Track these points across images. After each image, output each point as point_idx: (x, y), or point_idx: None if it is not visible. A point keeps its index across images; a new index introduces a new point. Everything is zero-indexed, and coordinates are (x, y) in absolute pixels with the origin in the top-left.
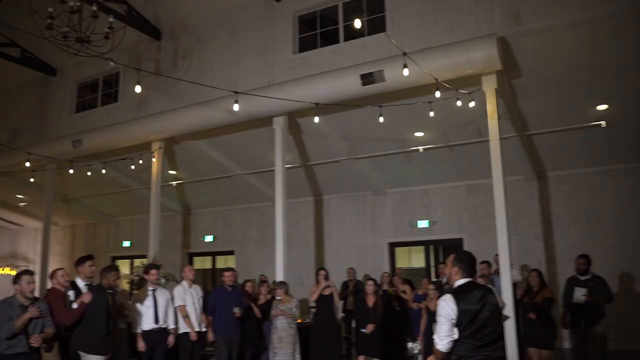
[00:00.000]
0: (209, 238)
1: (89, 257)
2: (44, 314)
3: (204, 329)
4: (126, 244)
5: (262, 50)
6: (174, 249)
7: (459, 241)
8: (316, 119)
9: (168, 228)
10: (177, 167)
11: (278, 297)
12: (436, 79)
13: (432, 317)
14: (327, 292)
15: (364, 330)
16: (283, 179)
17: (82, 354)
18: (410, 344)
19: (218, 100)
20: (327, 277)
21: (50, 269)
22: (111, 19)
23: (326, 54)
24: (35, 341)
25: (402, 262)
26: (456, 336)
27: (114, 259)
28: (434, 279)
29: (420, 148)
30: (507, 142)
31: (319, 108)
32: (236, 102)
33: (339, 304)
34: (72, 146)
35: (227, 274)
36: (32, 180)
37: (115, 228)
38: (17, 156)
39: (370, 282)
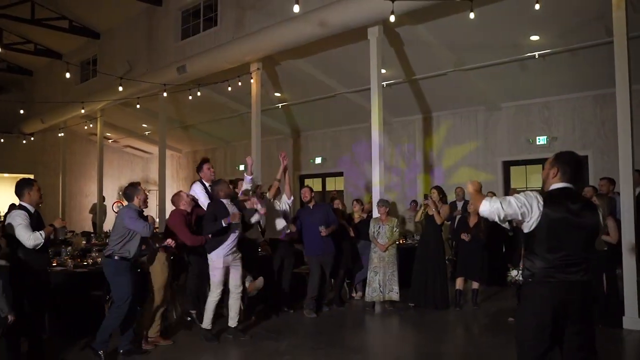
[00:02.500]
0: (318, 160)
1: (206, 160)
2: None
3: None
4: (242, 167)
5: None
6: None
7: (583, 159)
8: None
9: (280, 149)
10: (281, 88)
11: (377, 216)
12: None
13: None
14: (431, 211)
15: (462, 237)
16: (379, 95)
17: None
18: (513, 272)
19: (309, 14)
20: (426, 198)
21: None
22: None
23: None
24: None
25: (517, 183)
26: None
27: (232, 182)
28: None
29: (536, 54)
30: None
31: (418, 16)
32: None
33: (439, 222)
34: (177, 72)
35: (302, 190)
36: (137, 106)
37: (231, 152)
38: (133, 86)
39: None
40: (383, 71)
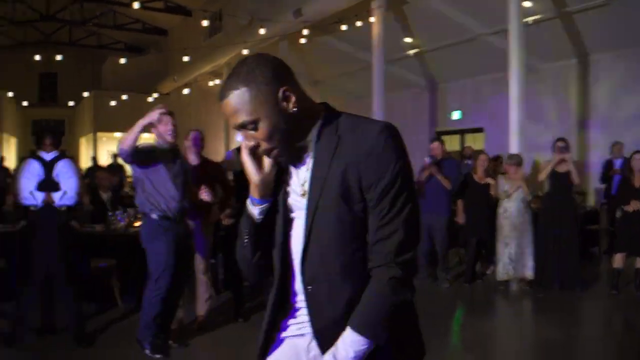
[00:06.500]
0: (456, 115)
1: None
2: None
3: None
4: None
5: None
6: (422, 128)
7: None
8: None
9: (415, 105)
10: (411, 32)
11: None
12: None
13: None
14: (562, 168)
15: (625, 209)
16: (519, 31)
17: None
18: None
19: None
20: (565, 150)
21: None
22: None
23: None
24: None
25: None
26: None
27: None
28: None
29: None
30: None
31: None
32: None
33: (576, 182)
34: (293, 17)
35: (432, 145)
36: (244, 51)
37: (365, 109)
38: (253, 36)
39: (638, 156)
40: (528, 4)
